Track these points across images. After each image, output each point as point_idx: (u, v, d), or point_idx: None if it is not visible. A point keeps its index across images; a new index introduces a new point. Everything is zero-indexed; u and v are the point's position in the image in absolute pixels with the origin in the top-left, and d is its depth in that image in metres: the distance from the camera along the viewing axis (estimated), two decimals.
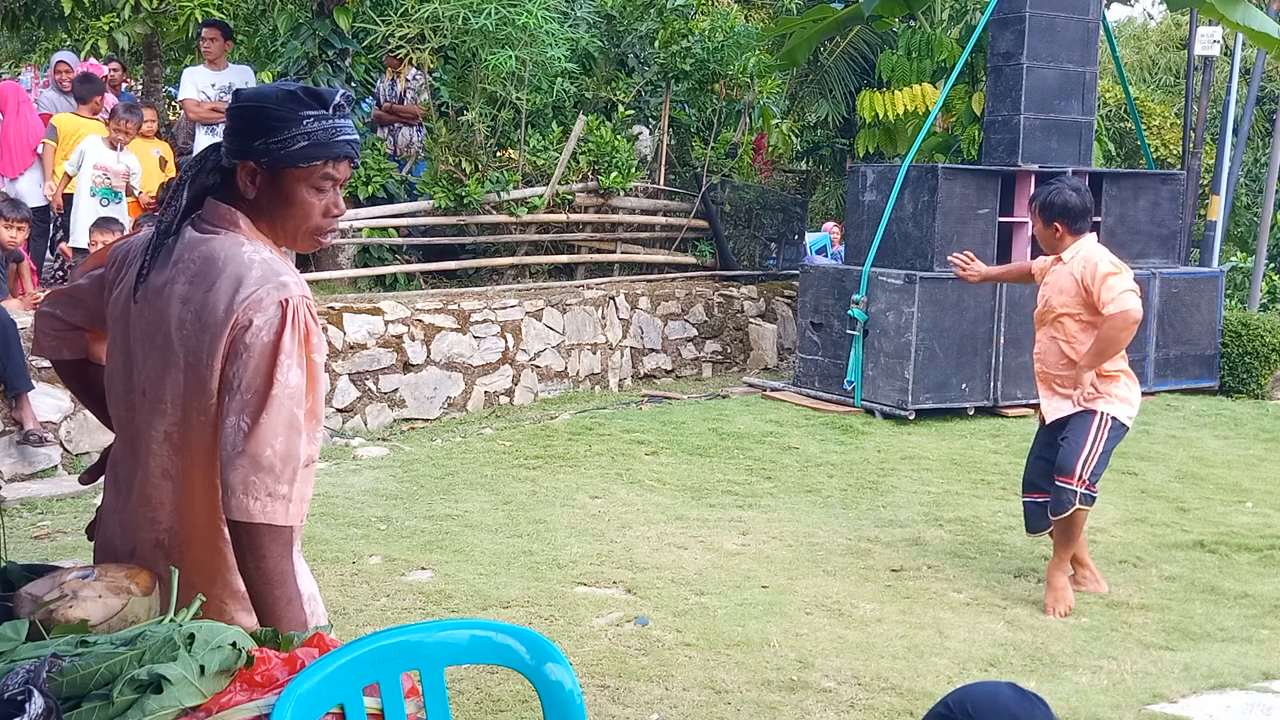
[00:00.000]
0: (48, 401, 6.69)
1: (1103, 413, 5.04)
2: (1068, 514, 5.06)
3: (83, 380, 2.47)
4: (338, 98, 2.15)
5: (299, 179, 2.13)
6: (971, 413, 9.11)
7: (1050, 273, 5.25)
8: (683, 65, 11.61)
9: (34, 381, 6.57)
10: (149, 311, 2.11)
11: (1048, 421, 5.26)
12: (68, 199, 8.45)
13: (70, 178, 8.39)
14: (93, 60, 10.54)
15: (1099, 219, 9.85)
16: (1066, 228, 5.11)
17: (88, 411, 2.60)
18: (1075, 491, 5.03)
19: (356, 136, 2.19)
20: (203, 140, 9.01)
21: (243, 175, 2.12)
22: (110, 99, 9.45)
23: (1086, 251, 5.09)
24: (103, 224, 7.56)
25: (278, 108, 2.10)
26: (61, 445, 6.75)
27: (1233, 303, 12.80)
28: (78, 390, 2.51)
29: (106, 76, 10.35)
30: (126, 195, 8.38)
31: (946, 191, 9.05)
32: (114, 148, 8.31)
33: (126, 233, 7.46)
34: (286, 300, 2.05)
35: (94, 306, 2.30)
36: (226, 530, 2.09)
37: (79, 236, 8.12)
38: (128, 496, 2.18)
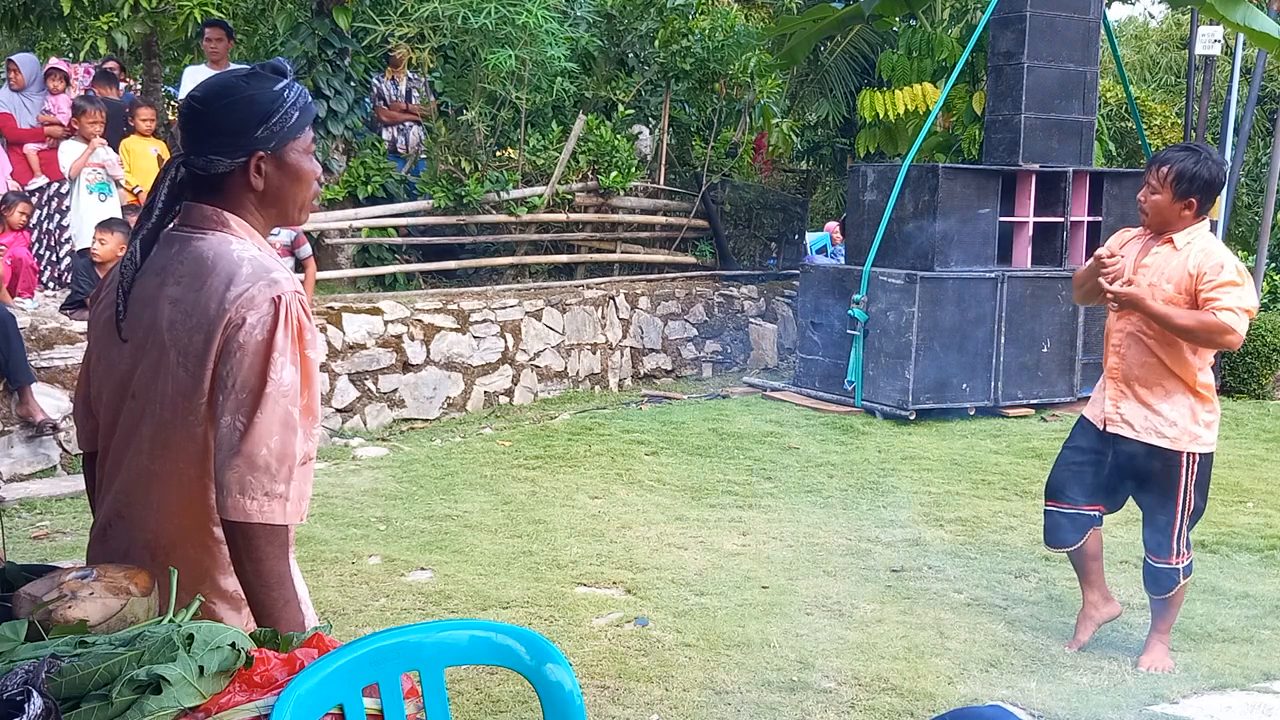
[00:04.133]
0: (47, 401, 6.69)
1: (1188, 455, 4.32)
2: (1171, 594, 4.47)
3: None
4: (287, 64, 2.18)
5: (299, 150, 2.15)
6: (972, 413, 9.11)
7: (1151, 254, 4.37)
8: (683, 65, 11.61)
9: (34, 380, 6.58)
10: (138, 318, 2.09)
11: (1106, 429, 4.45)
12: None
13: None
14: (54, 58, 10.52)
15: (1099, 219, 9.86)
16: (1199, 206, 4.29)
17: None
18: (1177, 570, 4.40)
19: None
20: None
21: (252, 169, 2.10)
22: (62, 99, 9.47)
23: (1207, 242, 4.29)
24: (107, 224, 7.55)
25: (260, 92, 2.09)
26: (61, 446, 6.75)
27: None
28: (91, 487, 2.36)
29: (115, 80, 10.37)
30: (118, 188, 8.41)
31: (947, 191, 9.04)
32: (87, 142, 8.33)
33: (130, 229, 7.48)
34: (279, 297, 2.03)
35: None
36: (216, 530, 2.07)
37: (84, 238, 8.14)
38: (115, 500, 2.16)
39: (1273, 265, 12.96)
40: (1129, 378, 4.40)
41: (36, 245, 9.15)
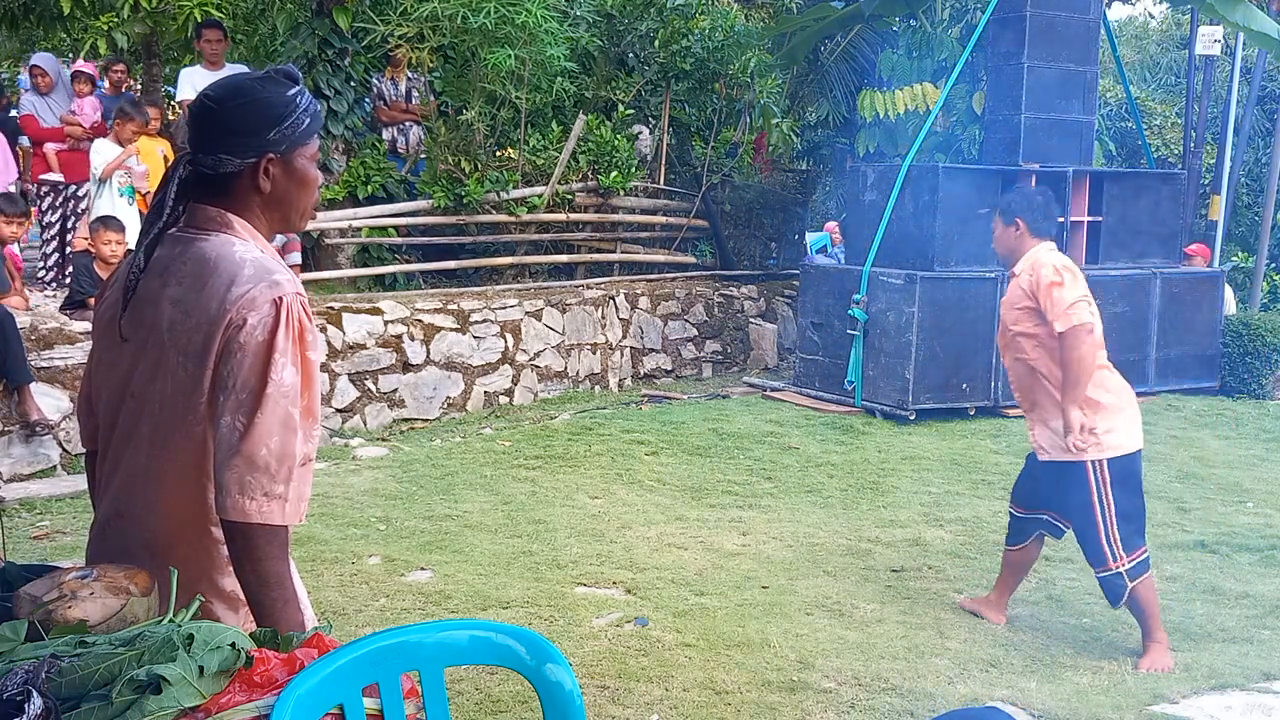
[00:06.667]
0: (47, 401, 6.68)
1: (1093, 462, 4.47)
2: (1126, 598, 4.55)
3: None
4: (298, 71, 2.20)
5: (307, 156, 2.16)
6: (972, 413, 9.10)
7: (1007, 290, 4.81)
8: (683, 64, 11.61)
9: (33, 379, 6.57)
10: (139, 318, 2.09)
11: (1040, 459, 4.72)
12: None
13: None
14: (80, 60, 10.57)
15: (1099, 219, 9.86)
16: (1028, 226, 4.68)
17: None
18: (1120, 574, 4.50)
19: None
20: None
21: (261, 170, 2.11)
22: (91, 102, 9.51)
23: (1034, 258, 4.63)
24: (102, 223, 7.54)
25: (274, 95, 2.11)
26: (61, 446, 6.74)
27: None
28: (93, 486, 2.37)
29: (119, 81, 10.42)
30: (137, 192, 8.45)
31: (947, 191, 9.04)
32: (122, 145, 8.36)
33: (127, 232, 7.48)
34: (280, 298, 2.03)
35: None
36: (213, 530, 2.08)
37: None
38: (114, 499, 2.17)
39: (1272, 265, 12.96)
40: (1028, 403, 4.72)
41: (50, 244, 9.20)
